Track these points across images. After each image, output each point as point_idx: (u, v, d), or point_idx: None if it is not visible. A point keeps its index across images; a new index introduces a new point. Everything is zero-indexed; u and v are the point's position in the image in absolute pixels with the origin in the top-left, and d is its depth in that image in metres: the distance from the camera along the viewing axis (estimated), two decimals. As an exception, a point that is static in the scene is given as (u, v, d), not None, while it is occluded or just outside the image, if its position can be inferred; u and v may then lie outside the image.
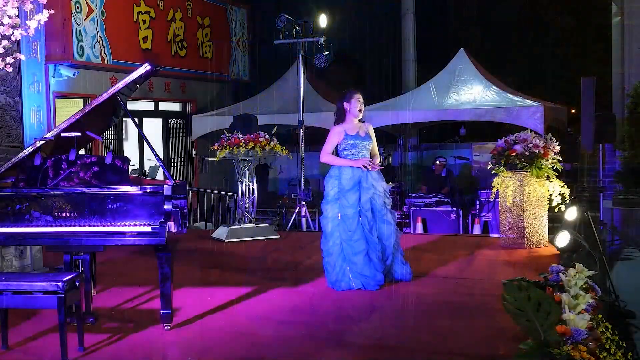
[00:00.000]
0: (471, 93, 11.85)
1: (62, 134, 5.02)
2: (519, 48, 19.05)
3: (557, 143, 7.63)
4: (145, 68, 5.02)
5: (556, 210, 7.61)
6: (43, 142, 5.12)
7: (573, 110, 15.30)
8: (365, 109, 6.16)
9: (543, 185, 7.56)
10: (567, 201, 7.44)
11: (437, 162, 12.23)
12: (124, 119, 11.32)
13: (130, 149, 13.06)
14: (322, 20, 11.01)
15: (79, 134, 5.02)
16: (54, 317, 4.40)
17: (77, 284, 4.43)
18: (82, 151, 7.00)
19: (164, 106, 14.04)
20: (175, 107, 14.51)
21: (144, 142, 5.49)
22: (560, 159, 7.60)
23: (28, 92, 10.03)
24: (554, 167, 7.56)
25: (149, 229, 4.58)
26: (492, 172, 7.90)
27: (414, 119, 12.20)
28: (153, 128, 13.65)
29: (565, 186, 7.59)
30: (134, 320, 5.05)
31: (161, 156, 12.73)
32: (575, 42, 18.27)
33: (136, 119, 5.79)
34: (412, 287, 5.96)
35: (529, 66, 19.25)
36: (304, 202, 10.14)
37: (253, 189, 8.94)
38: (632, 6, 12.22)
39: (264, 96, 13.61)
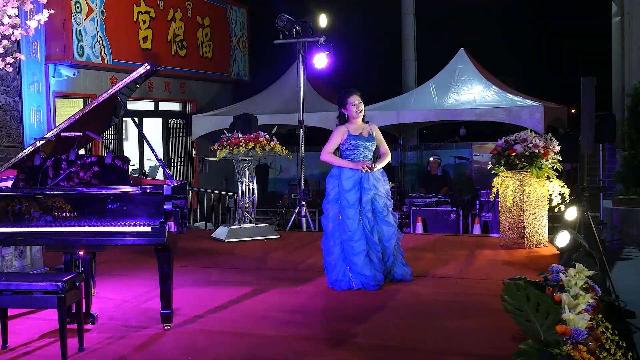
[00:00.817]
0: (471, 93, 11.85)
1: (62, 134, 5.03)
2: (519, 48, 19.05)
3: (557, 143, 7.63)
4: (145, 68, 5.03)
5: (556, 210, 7.61)
6: (43, 141, 5.12)
7: (573, 110, 15.30)
8: (366, 109, 6.12)
9: (543, 185, 7.56)
10: (567, 201, 7.44)
11: (432, 159, 12.24)
12: (124, 118, 11.32)
13: (130, 148, 13.06)
14: (322, 20, 11.01)
15: (79, 134, 5.02)
16: (54, 317, 4.41)
17: (77, 284, 4.43)
18: (82, 151, 7.00)
19: (164, 106, 14.04)
20: (175, 107, 14.51)
21: (144, 142, 5.49)
22: (560, 158, 7.60)
23: (28, 92, 10.04)
24: (554, 167, 7.56)
25: (149, 229, 4.57)
26: (492, 172, 7.90)
27: (414, 118, 12.20)
28: (153, 128, 13.65)
29: (565, 186, 7.59)
30: (134, 320, 5.05)
31: (161, 156, 12.74)
32: (575, 42, 18.27)
33: (136, 119, 5.79)
34: (412, 287, 5.96)
35: (529, 66, 19.26)
36: (304, 202, 10.13)
37: (253, 188, 8.95)
38: (632, 6, 12.23)
39: (264, 96, 13.60)
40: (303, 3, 15.35)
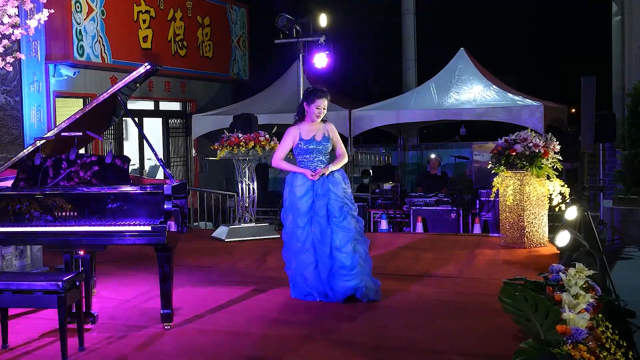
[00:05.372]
0: (471, 92, 11.85)
1: (63, 134, 5.03)
2: (519, 47, 19.06)
3: (557, 142, 7.63)
4: (145, 67, 5.03)
5: (556, 209, 7.61)
6: (43, 141, 5.12)
7: (573, 110, 15.31)
8: (366, 109, 6.09)
9: (543, 185, 7.57)
10: (567, 200, 7.44)
11: (433, 156, 12.22)
12: (124, 118, 11.33)
13: (130, 148, 13.06)
14: (322, 20, 11.00)
15: (79, 134, 5.02)
16: (54, 317, 4.40)
17: (77, 283, 4.43)
18: (82, 151, 7.00)
19: (164, 106, 14.04)
20: (175, 106, 14.51)
21: (144, 141, 5.47)
22: (560, 158, 7.61)
23: (28, 92, 10.04)
24: (554, 167, 7.56)
25: (149, 228, 4.57)
26: (492, 172, 7.91)
27: (414, 118, 12.19)
28: (153, 127, 13.65)
29: (566, 185, 7.59)
30: (134, 320, 5.05)
31: (161, 156, 12.74)
32: (575, 42, 18.28)
33: (136, 119, 5.78)
34: (412, 287, 5.96)
35: (529, 66, 19.27)
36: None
37: (253, 188, 8.95)
38: (632, 6, 12.23)
39: (264, 96, 13.61)
40: (303, 3, 15.36)
